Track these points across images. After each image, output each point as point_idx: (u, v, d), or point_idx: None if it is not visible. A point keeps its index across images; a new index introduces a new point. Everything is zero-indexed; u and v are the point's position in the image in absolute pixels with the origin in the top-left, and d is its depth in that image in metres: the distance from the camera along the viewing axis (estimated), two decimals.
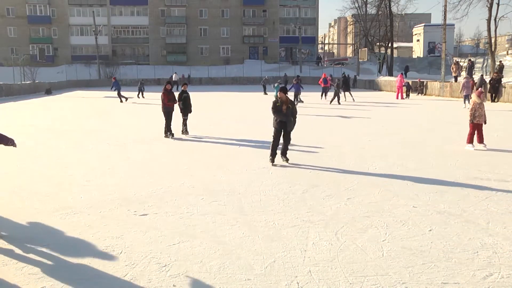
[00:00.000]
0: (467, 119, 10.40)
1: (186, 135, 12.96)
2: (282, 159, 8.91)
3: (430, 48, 64.66)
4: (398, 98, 27.26)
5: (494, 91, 23.28)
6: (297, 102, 20.94)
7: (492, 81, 23.71)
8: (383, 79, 39.76)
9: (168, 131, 12.70)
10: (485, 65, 40.27)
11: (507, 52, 51.87)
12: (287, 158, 8.92)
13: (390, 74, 47.05)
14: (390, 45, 51.14)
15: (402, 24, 75.78)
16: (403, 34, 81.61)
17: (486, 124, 10.40)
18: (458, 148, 10.52)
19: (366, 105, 23.26)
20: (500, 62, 30.92)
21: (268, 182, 7.52)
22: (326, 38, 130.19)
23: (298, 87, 22.24)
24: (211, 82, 52.64)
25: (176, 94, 13.10)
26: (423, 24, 69.96)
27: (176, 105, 12.93)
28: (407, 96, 28.27)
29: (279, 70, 54.09)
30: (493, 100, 22.98)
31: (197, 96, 25.92)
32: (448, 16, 34.66)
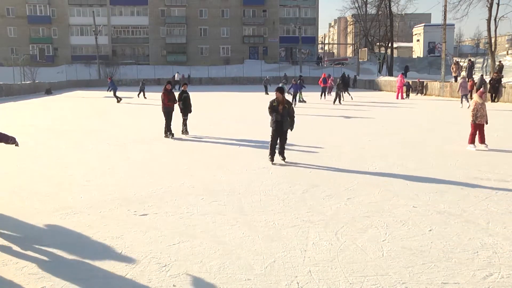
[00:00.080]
0: (469, 119, 10.38)
1: (186, 135, 12.97)
2: (280, 158, 9.09)
3: (430, 48, 64.65)
4: (398, 98, 27.27)
5: (494, 91, 23.30)
6: (295, 103, 20.97)
7: (492, 81, 23.72)
8: (383, 79, 39.78)
9: (168, 131, 12.70)
10: (485, 65, 40.27)
11: (507, 52, 51.85)
12: (284, 157, 9.10)
13: (390, 74, 47.05)
14: (390, 45, 51.15)
15: (402, 24, 75.77)
16: (403, 34, 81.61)
17: (487, 124, 10.40)
18: (458, 148, 10.52)
19: (366, 105, 23.26)
20: (499, 62, 30.92)
21: (268, 182, 7.53)
22: (326, 38, 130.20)
23: (297, 88, 22.27)
24: (211, 82, 52.64)
25: (176, 94, 13.11)
26: (423, 24, 69.95)
27: (176, 105, 12.95)
28: (407, 96, 28.28)
29: (279, 70, 54.08)
30: (493, 100, 22.98)
31: (197, 96, 25.92)
32: (448, 16, 34.71)
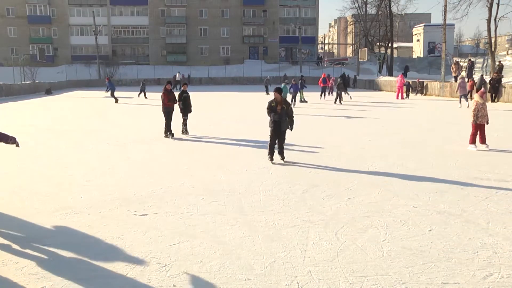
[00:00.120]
0: (470, 120, 10.35)
1: (186, 135, 12.96)
2: (279, 158, 9.14)
3: (430, 48, 64.65)
4: (398, 98, 27.27)
5: (494, 91, 23.30)
6: (294, 103, 20.99)
7: (492, 81, 23.72)
8: (383, 79, 39.78)
9: (168, 131, 12.70)
10: (485, 65, 40.26)
11: (507, 52, 51.84)
12: (284, 157, 9.16)
13: (390, 74, 47.05)
14: (390, 45, 51.14)
15: (402, 24, 75.75)
16: (403, 34, 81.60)
17: (488, 124, 10.39)
18: (458, 148, 10.52)
19: (366, 105, 23.26)
20: (499, 62, 30.91)
21: (268, 182, 7.53)
22: (326, 38, 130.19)
23: (296, 88, 22.28)
24: (211, 82, 52.63)
25: (176, 94, 13.11)
26: (423, 24, 69.95)
27: (176, 105, 12.95)
28: (407, 96, 28.28)
29: (279, 70, 54.07)
30: (493, 100, 22.98)
31: (197, 96, 25.92)
32: (448, 16, 34.70)
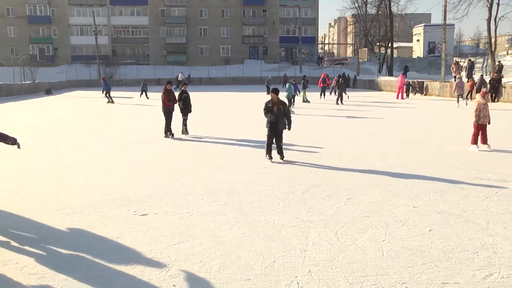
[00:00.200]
0: (471, 120, 10.32)
1: (186, 135, 12.96)
2: (279, 157, 9.21)
3: (430, 48, 64.64)
4: (398, 98, 27.28)
5: (494, 91, 23.29)
6: (294, 103, 20.99)
7: (492, 81, 23.72)
8: (383, 79, 39.78)
9: (168, 131, 12.70)
10: (485, 65, 40.24)
11: (507, 52, 51.84)
12: (283, 156, 9.21)
13: (390, 74, 47.05)
14: (390, 45, 51.14)
15: (402, 24, 75.76)
16: (403, 34, 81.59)
17: (490, 124, 10.35)
18: (458, 148, 10.51)
19: (366, 105, 23.26)
20: (499, 62, 30.89)
21: (268, 182, 7.53)
22: (326, 38, 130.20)
23: (296, 88, 22.26)
24: (211, 82, 52.62)
25: (176, 94, 13.11)
26: (423, 24, 69.94)
27: (176, 105, 12.95)
28: (407, 96, 28.29)
29: (279, 70, 54.05)
30: (493, 100, 22.97)
31: (197, 96, 25.91)
32: (448, 16, 34.68)
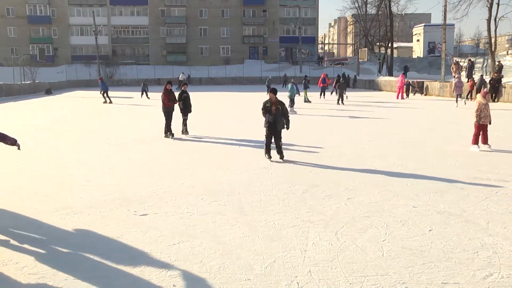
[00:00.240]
0: (472, 120, 10.30)
1: (186, 135, 12.96)
2: (278, 157, 9.24)
3: (430, 48, 64.67)
4: (398, 98, 27.28)
5: (494, 91, 23.29)
6: (293, 103, 21.00)
7: (492, 81, 23.72)
8: (383, 79, 39.78)
9: (168, 131, 12.70)
10: (485, 65, 40.24)
11: (507, 52, 51.84)
12: (283, 156, 9.25)
13: (390, 74, 47.06)
14: (390, 45, 51.15)
15: (402, 24, 75.77)
16: (403, 34, 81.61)
17: (491, 124, 10.32)
18: (458, 148, 10.51)
19: (366, 105, 23.26)
20: (499, 62, 30.89)
21: (268, 182, 7.53)
22: (326, 38, 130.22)
23: (296, 88, 22.26)
24: (211, 82, 52.63)
25: (176, 94, 13.11)
26: (423, 24, 69.97)
27: (176, 105, 12.95)
28: (407, 96, 28.30)
29: (279, 70, 54.06)
30: (493, 100, 22.95)
31: (197, 96, 25.92)
32: (448, 16, 34.70)
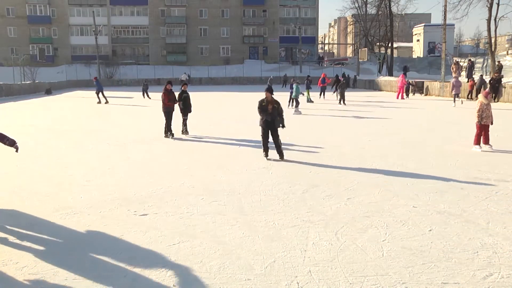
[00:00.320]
0: (474, 120, 10.26)
1: (186, 135, 12.97)
2: (278, 157, 9.26)
3: (430, 48, 64.69)
4: (398, 98, 27.29)
5: (494, 91, 23.28)
6: (292, 103, 21.06)
7: (492, 81, 23.72)
8: (383, 79, 39.78)
9: (168, 131, 12.70)
10: (485, 65, 40.23)
11: (507, 52, 51.82)
12: (282, 155, 9.27)
13: (390, 74, 47.06)
14: (390, 45, 51.16)
15: (402, 24, 75.80)
16: (403, 34, 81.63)
17: (492, 124, 10.27)
18: (458, 148, 10.51)
19: (366, 105, 23.26)
20: (498, 62, 30.88)
21: (268, 182, 7.53)
22: (326, 38, 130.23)
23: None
24: (211, 82, 52.63)
25: (176, 94, 13.11)
26: (423, 24, 69.99)
27: (176, 105, 12.95)
28: (407, 96, 28.31)
29: (279, 70, 54.06)
30: (493, 100, 22.97)
31: (197, 96, 25.91)
32: (448, 16, 34.70)
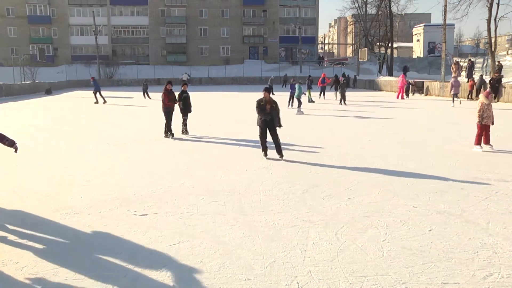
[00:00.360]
0: (475, 120, 10.23)
1: (186, 135, 12.96)
2: (278, 156, 9.26)
3: (430, 48, 64.70)
4: (398, 98, 27.30)
5: (494, 91, 23.26)
6: (292, 103, 21.23)
7: (492, 81, 23.72)
8: (383, 79, 39.78)
9: (168, 131, 12.70)
10: (485, 65, 40.22)
11: (507, 52, 51.81)
12: (282, 155, 9.26)
13: (390, 74, 47.06)
14: (390, 45, 51.16)
15: (402, 24, 75.80)
16: (403, 34, 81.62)
17: (493, 125, 10.24)
18: (458, 148, 10.51)
19: (366, 105, 23.27)
20: (498, 62, 30.87)
21: (268, 182, 7.53)
22: (326, 38, 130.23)
23: (294, 88, 22.31)
24: (211, 82, 52.63)
25: (176, 94, 13.11)
26: (423, 24, 69.99)
27: (176, 105, 12.95)
28: (407, 96, 28.32)
29: (279, 70, 54.06)
30: (494, 100, 22.97)
31: (197, 96, 25.91)
32: (448, 16, 34.71)
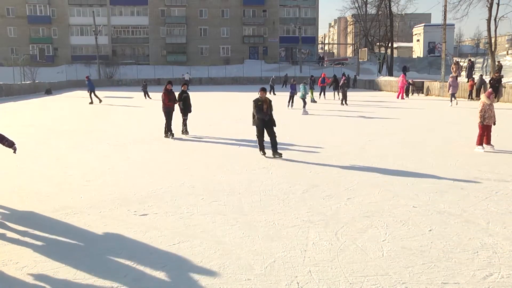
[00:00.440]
0: (476, 121, 10.21)
1: (186, 135, 12.97)
2: (275, 156, 9.28)
3: (430, 48, 64.71)
4: (398, 98, 27.30)
5: (494, 91, 23.23)
6: (292, 104, 21.31)
7: (492, 81, 23.71)
8: (383, 79, 39.77)
9: (168, 131, 12.71)
10: (485, 65, 40.23)
11: (507, 52, 51.86)
12: (280, 153, 9.29)
13: (390, 74, 47.06)
14: (390, 45, 51.15)
15: (402, 24, 75.77)
16: (403, 34, 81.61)
17: (495, 125, 10.22)
18: (458, 148, 10.51)
19: (366, 105, 23.26)
20: (498, 62, 30.87)
21: (268, 182, 7.53)
22: (326, 38, 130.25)
23: (294, 88, 22.35)
24: (211, 82, 52.63)
25: (176, 94, 13.11)
26: (423, 24, 70.00)
27: (176, 105, 12.95)
28: (407, 96, 28.31)
29: (279, 70, 54.02)
30: (495, 100, 22.95)
31: (197, 96, 25.92)
32: (448, 16, 34.71)
